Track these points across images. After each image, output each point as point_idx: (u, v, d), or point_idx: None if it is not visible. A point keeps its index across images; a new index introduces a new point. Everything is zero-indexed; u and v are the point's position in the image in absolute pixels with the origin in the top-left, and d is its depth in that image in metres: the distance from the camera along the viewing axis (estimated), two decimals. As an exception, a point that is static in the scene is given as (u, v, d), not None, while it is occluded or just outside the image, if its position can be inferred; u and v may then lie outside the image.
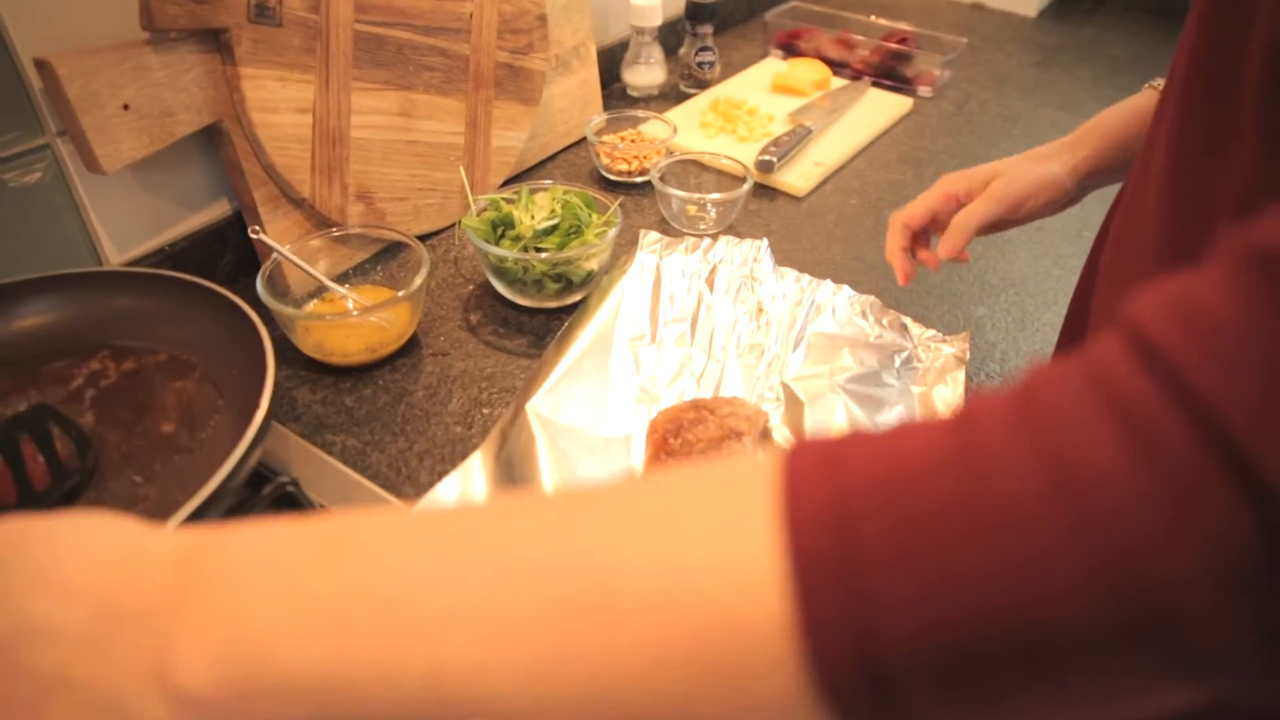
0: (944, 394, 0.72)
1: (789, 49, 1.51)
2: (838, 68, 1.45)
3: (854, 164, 1.20)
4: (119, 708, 0.27)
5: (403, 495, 0.66)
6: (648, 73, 1.32)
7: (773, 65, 1.46)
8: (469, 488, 0.59)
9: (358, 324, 0.78)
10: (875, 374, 0.73)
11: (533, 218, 0.83)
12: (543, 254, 0.80)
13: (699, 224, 1.00)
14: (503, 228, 0.84)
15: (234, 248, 0.89)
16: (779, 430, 0.69)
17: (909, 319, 0.80)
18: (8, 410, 0.62)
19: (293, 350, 0.79)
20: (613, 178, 1.11)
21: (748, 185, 0.98)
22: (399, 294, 0.76)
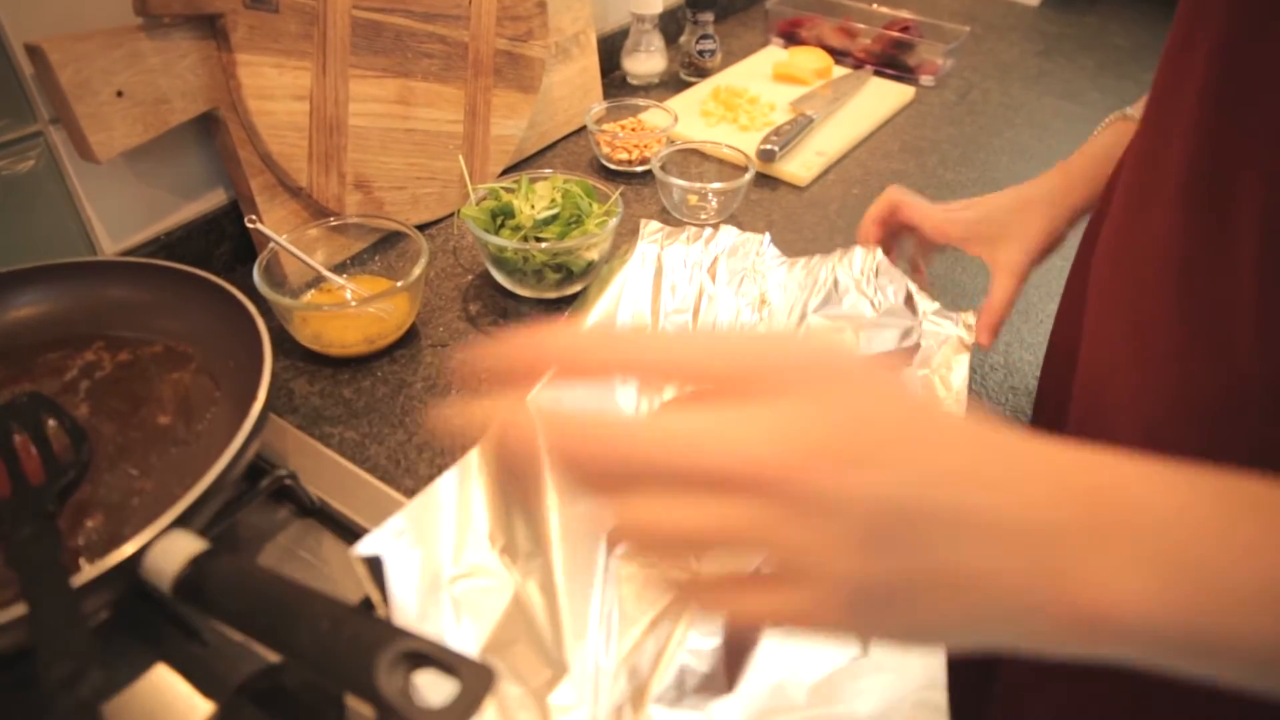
0: (948, 377, 0.71)
1: (790, 37, 1.50)
2: (839, 56, 1.43)
3: (856, 153, 1.19)
4: (1020, 615, 0.28)
5: (401, 488, 0.65)
6: (648, 61, 1.31)
7: (774, 53, 1.45)
8: (466, 482, 0.58)
9: (356, 315, 0.77)
10: (879, 357, 0.72)
11: (533, 207, 0.82)
12: (543, 244, 0.79)
13: (700, 213, 0.99)
14: (502, 217, 0.83)
15: (230, 237, 0.88)
16: None
17: (913, 286, 0.78)
18: (1, 403, 0.61)
19: (290, 341, 0.78)
20: (613, 167, 1.10)
21: (749, 175, 0.97)
22: (397, 284, 0.75)
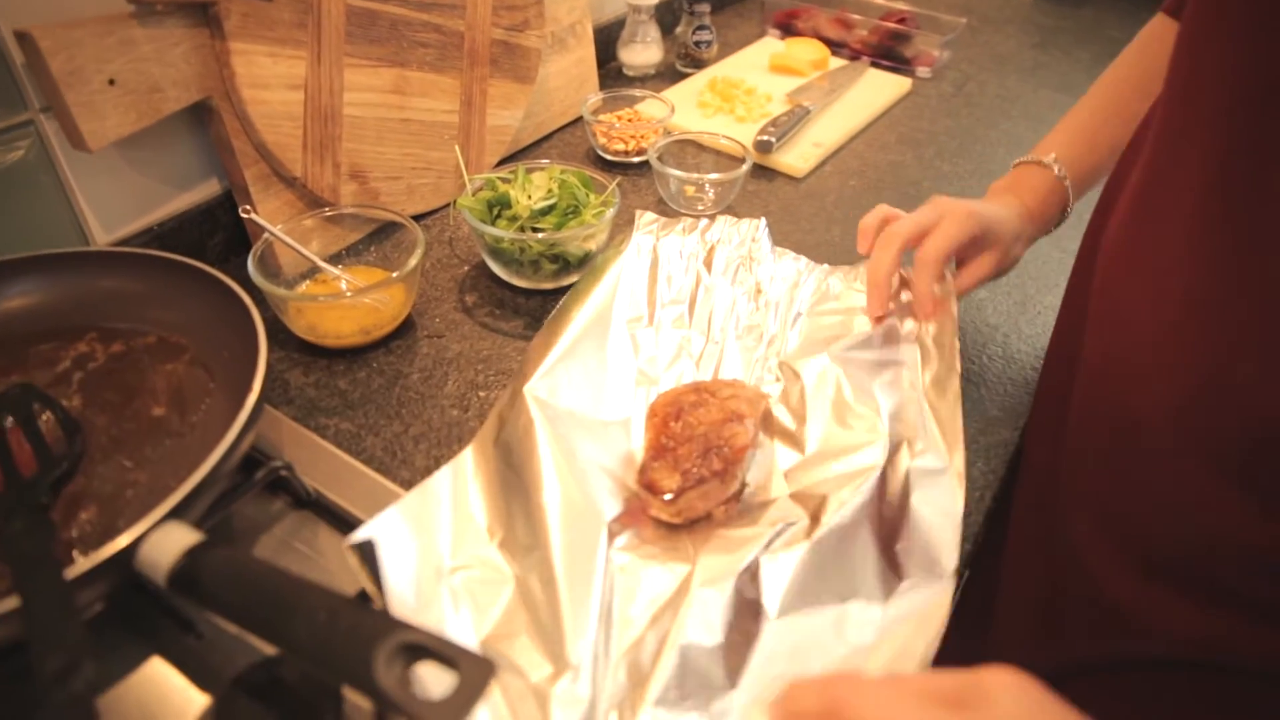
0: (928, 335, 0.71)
1: (787, 28, 1.49)
2: (836, 47, 1.43)
3: (853, 145, 1.19)
4: None
5: (398, 480, 0.65)
6: (644, 52, 1.31)
7: (770, 45, 1.44)
8: (462, 475, 0.58)
9: (351, 305, 0.77)
10: (870, 338, 0.71)
11: (529, 197, 0.82)
12: (539, 234, 0.79)
13: (697, 204, 0.99)
14: (499, 208, 0.83)
15: (224, 228, 0.87)
16: (779, 408, 0.68)
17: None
18: (-7, 393, 0.61)
19: (285, 332, 0.77)
20: (609, 157, 1.09)
21: (746, 165, 0.96)
22: (393, 275, 0.74)
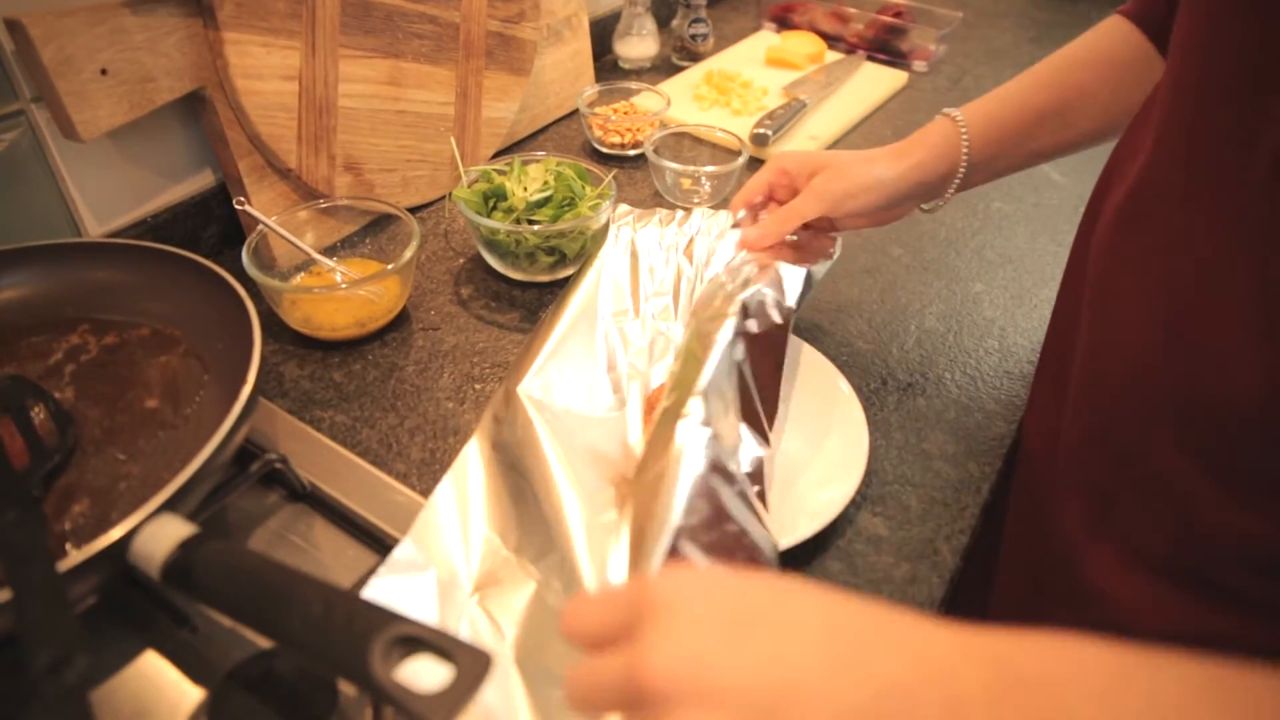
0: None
1: (783, 22, 1.49)
2: (832, 41, 1.43)
3: (849, 138, 1.19)
4: None
5: (393, 472, 0.65)
6: (640, 45, 1.30)
7: (766, 38, 1.44)
8: (463, 486, 0.58)
9: (346, 297, 0.76)
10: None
11: (525, 190, 0.81)
12: (535, 226, 0.79)
13: (693, 197, 0.98)
14: (494, 200, 0.82)
15: (218, 220, 0.86)
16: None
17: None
18: (-16, 385, 0.60)
19: (279, 324, 0.77)
20: (605, 150, 1.09)
21: (743, 158, 0.96)
22: (388, 267, 0.74)
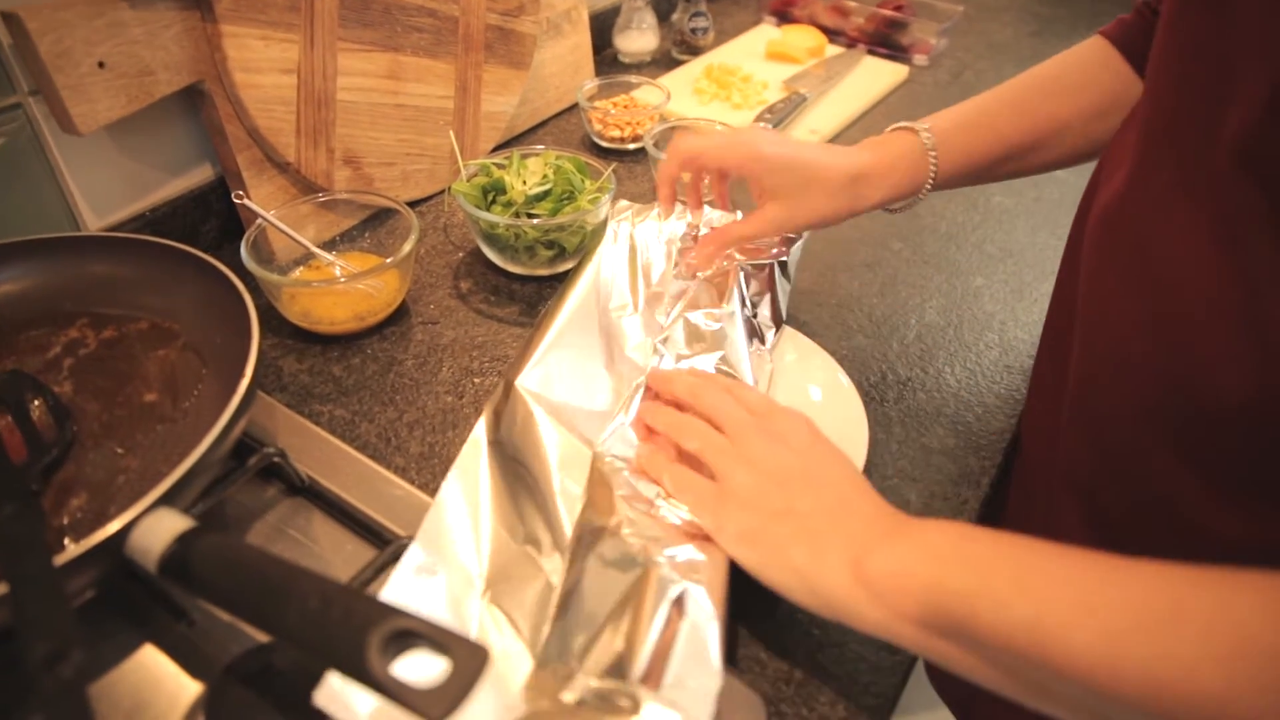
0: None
1: (783, 15, 1.48)
2: (832, 35, 1.42)
3: (849, 132, 1.18)
4: (822, 556, 0.45)
5: (392, 466, 0.65)
6: (640, 39, 1.30)
7: (767, 32, 1.43)
8: (471, 476, 0.57)
9: (345, 291, 0.76)
10: None
11: (524, 183, 0.81)
12: (534, 220, 0.78)
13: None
14: (494, 193, 0.82)
15: (217, 213, 0.86)
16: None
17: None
18: (-17, 379, 0.60)
19: (278, 318, 0.77)
20: (605, 144, 1.09)
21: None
22: (387, 261, 0.74)
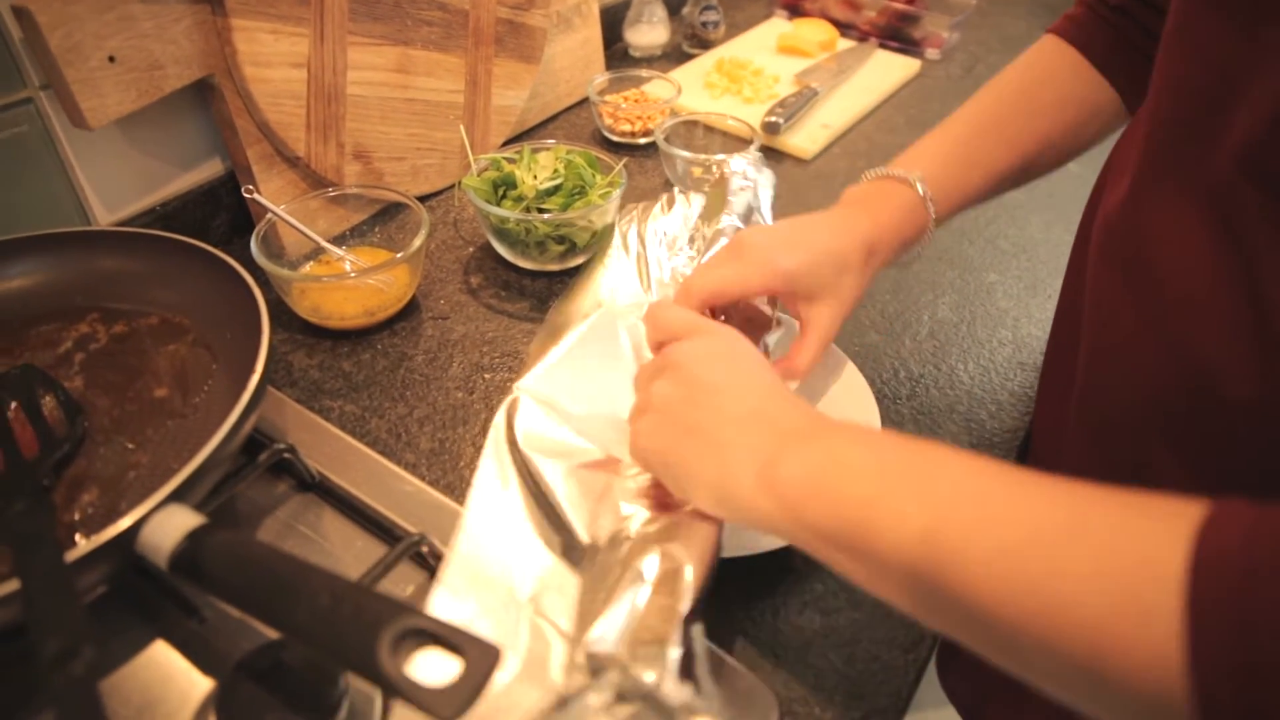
0: None
1: (794, 9, 1.47)
2: (844, 29, 1.41)
3: (861, 127, 1.18)
4: (730, 467, 0.43)
5: (402, 462, 0.64)
6: (650, 32, 1.29)
7: (778, 25, 1.42)
8: (495, 496, 0.56)
9: (355, 286, 0.76)
10: None
11: (535, 178, 0.81)
12: (545, 215, 0.78)
13: (704, 186, 0.97)
14: (504, 188, 0.82)
15: (228, 208, 0.86)
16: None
17: None
18: (-6, 374, 0.60)
19: (288, 313, 0.77)
20: (615, 139, 1.08)
21: (754, 147, 0.95)
22: (397, 256, 0.73)
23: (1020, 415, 0.72)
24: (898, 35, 1.40)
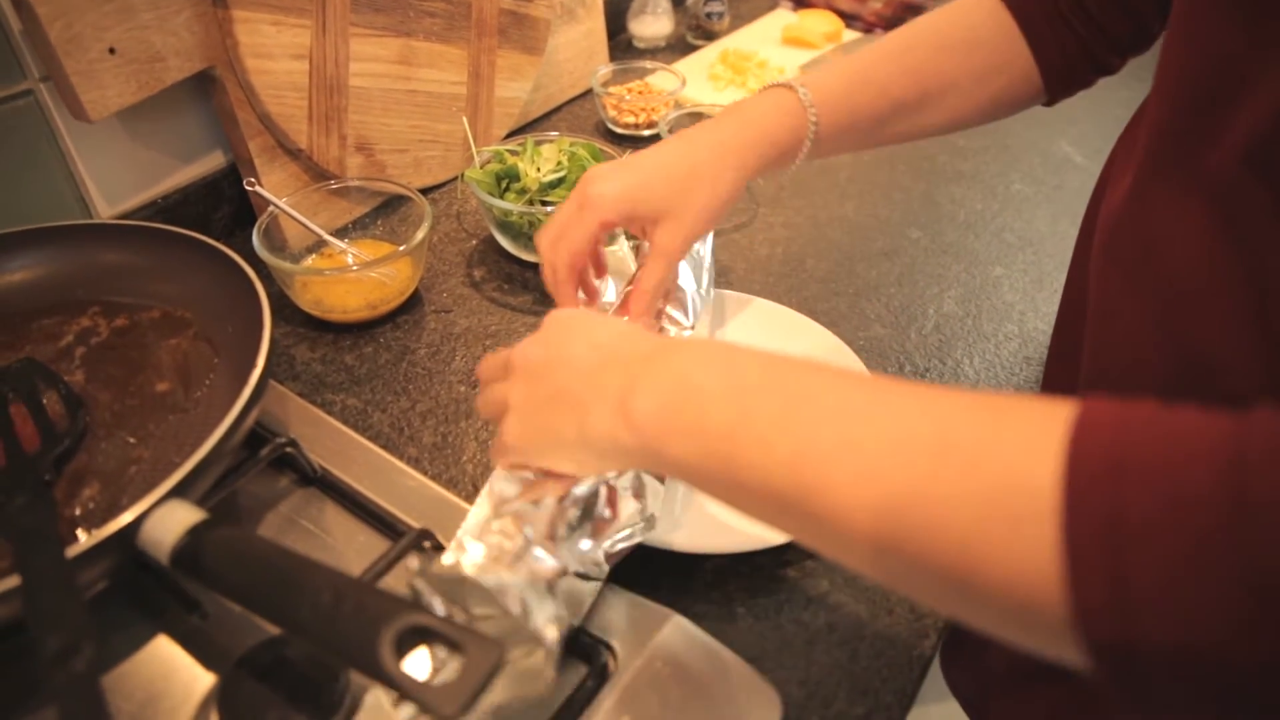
0: None
1: (799, 1, 1.47)
2: (850, 20, 1.40)
3: (867, 119, 1.17)
4: (588, 414, 0.41)
5: (405, 456, 0.64)
6: (655, 23, 1.29)
7: (783, 17, 1.41)
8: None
9: (357, 279, 0.76)
10: None
11: (538, 170, 0.80)
12: (548, 207, 0.78)
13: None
14: (507, 180, 0.81)
15: (229, 201, 0.86)
16: None
17: None
18: (-5, 368, 0.60)
19: (291, 307, 0.76)
20: (619, 130, 1.07)
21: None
22: (400, 248, 0.73)
23: (1026, 410, 0.71)
24: (903, 26, 1.39)
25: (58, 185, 0.73)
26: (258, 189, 0.77)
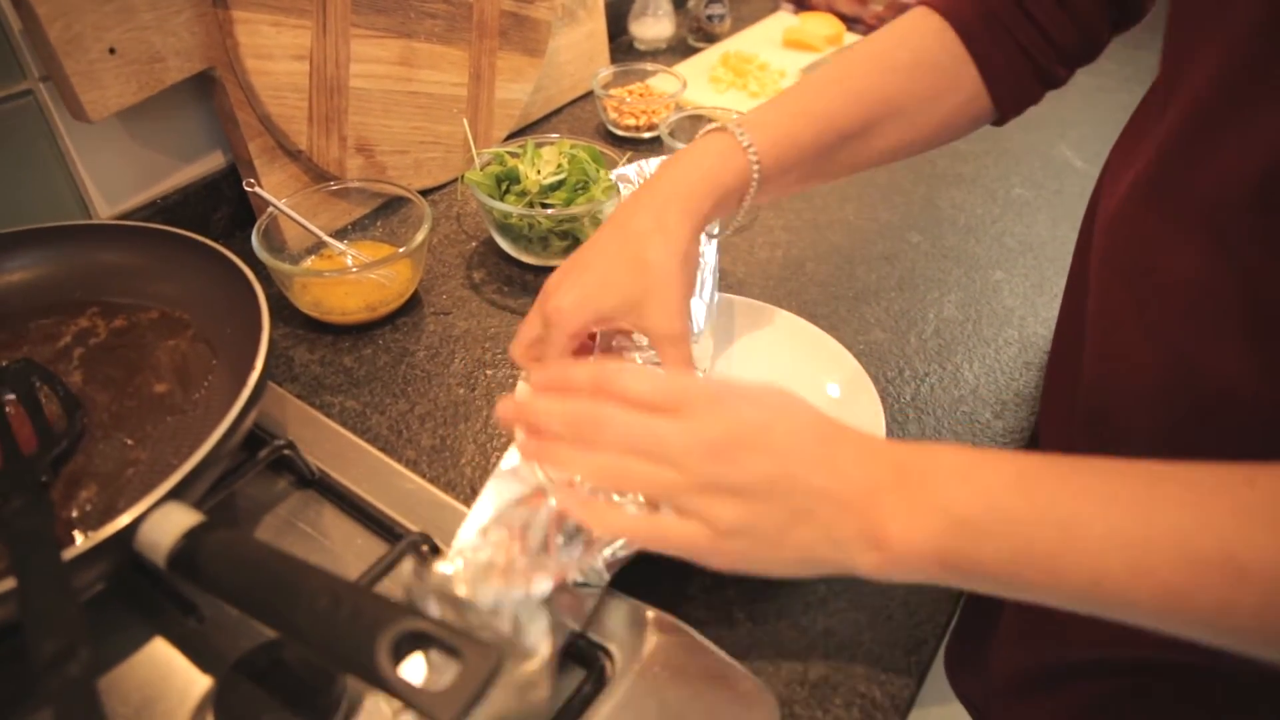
0: None
1: (801, 3, 1.46)
2: (851, 23, 1.40)
3: (867, 122, 1.17)
4: (842, 548, 0.40)
5: (403, 459, 0.64)
6: (656, 26, 1.29)
7: (784, 19, 1.41)
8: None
9: (357, 281, 0.76)
10: None
11: (539, 172, 0.80)
12: (549, 210, 0.78)
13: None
14: (507, 182, 0.81)
15: (229, 201, 0.86)
16: None
17: None
18: (-7, 368, 0.60)
19: (290, 308, 0.76)
20: (620, 133, 1.07)
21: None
22: (399, 250, 0.73)
23: (1026, 415, 0.71)
24: (904, 29, 1.38)
25: (57, 185, 0.73)
26: (257, 190, 0.76)
